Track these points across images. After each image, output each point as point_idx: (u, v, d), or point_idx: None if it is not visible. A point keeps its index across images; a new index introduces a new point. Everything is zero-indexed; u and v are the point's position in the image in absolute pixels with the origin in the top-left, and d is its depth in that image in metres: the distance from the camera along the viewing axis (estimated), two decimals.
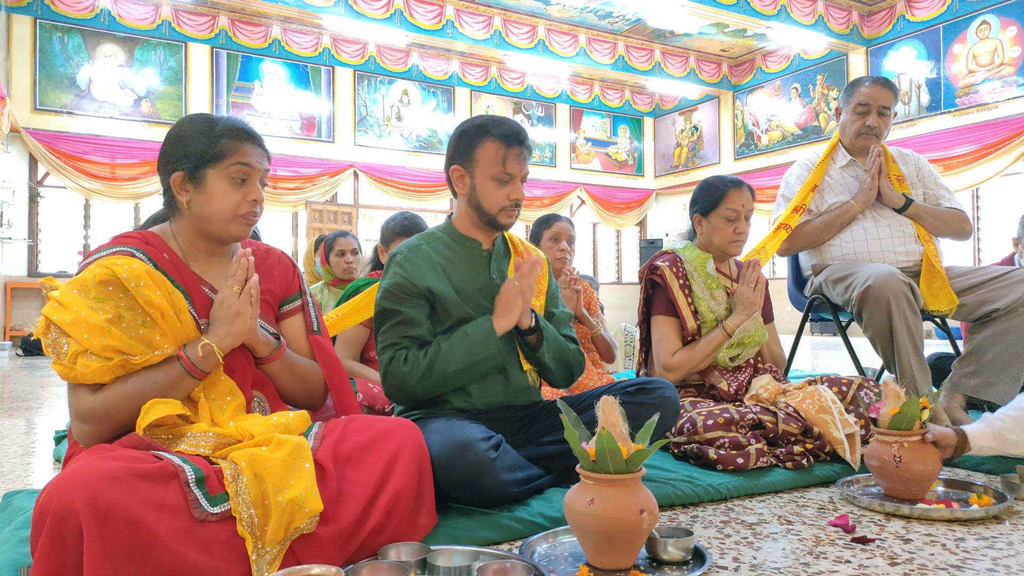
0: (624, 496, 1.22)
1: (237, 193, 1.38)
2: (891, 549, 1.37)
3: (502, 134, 1.79)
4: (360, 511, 1.24)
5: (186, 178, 1.37)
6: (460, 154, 1.85)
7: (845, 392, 2.09)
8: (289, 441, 1.23)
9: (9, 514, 1.55)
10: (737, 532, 1.49)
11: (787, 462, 1.89)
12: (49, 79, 9.39)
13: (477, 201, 1.84)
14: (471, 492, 1.51)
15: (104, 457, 1.08)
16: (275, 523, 1.13)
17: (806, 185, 2.65)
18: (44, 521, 0.99)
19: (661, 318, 2.29)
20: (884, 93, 2.60)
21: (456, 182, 1.87)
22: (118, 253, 1.32)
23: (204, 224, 1.40)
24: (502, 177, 1.80)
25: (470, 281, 1.85)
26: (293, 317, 1.55)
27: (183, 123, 1.41)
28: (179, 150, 1.38)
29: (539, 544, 1.36)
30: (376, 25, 9.59)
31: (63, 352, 1.20)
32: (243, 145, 1.39)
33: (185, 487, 1.09)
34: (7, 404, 3.77)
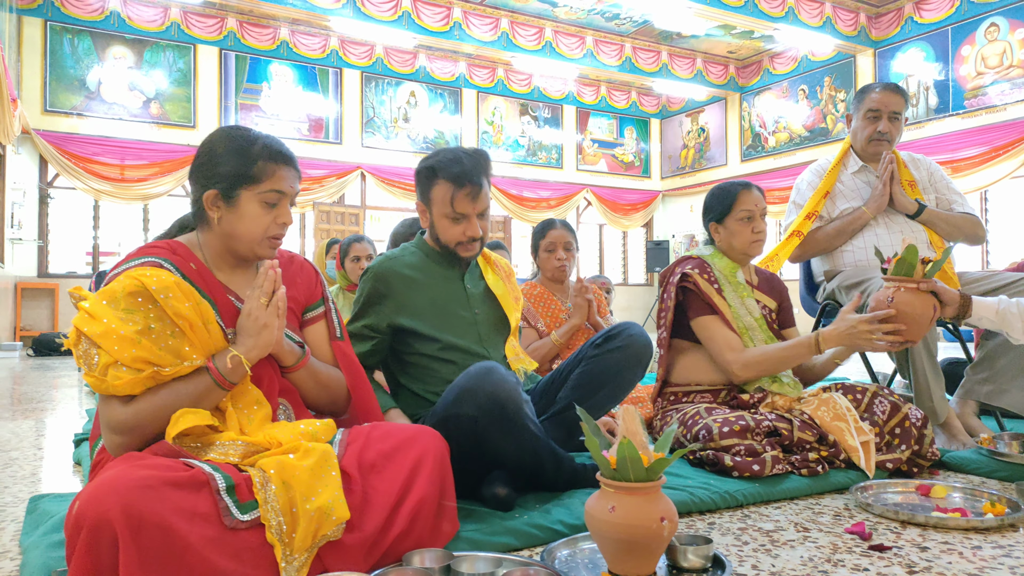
0: (645, 504, 1.23)
1: (268, 216, 1.41)
2: (908, 557, 1.38)
3: (450, 175, 1.85)
4: (385, 518, 1.26)
5: (219, 196, 1.39)
6: (420, 192, 1.96)
7: (860, 400, 2.10)
8: (316, 449, 1.24)
9: (36, 518, 1.57)
10: (755, 539, 1.50)
11: (802, 469, 1.90)
12: (59, 81, 9.44)
13: (436, 235, 1.95)
14: (492, 417, 1.54)
15: (136, 466, 1.10)
16: (303, 530, 1.15)
17: (818, 191, 2.66)
18: (80, 530, 1.01)
19: (707, 318, 2.23)
20: (894, 98, 2.61)
21: (420, 216, 1.99)
22: (146, 264, 1.34)
23: (232, 242, 1.42)
24: (453, 216, 1.88)
25: (446, 294, 1.95)
26: (316, 324, 1.57)
27: (219, 139, 1.42)
28: (215, 168, 1.39)
29: (560, 551, 1.37)
30: (384, 27, 9.62)
31: (94, 363, 1.22)
32: (279, 169, 1.41)
33: (216, 495, 1.11)
34: (22, 405, 3.80)
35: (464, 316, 1.94)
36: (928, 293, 1.86)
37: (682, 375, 2.36)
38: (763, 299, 2.37)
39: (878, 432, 2.02)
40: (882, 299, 1.90)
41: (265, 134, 1.45)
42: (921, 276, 1.85)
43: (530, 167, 12.81)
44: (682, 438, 2.07)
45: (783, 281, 2.48)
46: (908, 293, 1.86)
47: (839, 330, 2.01)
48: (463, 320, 1.94)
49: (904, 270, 1.86)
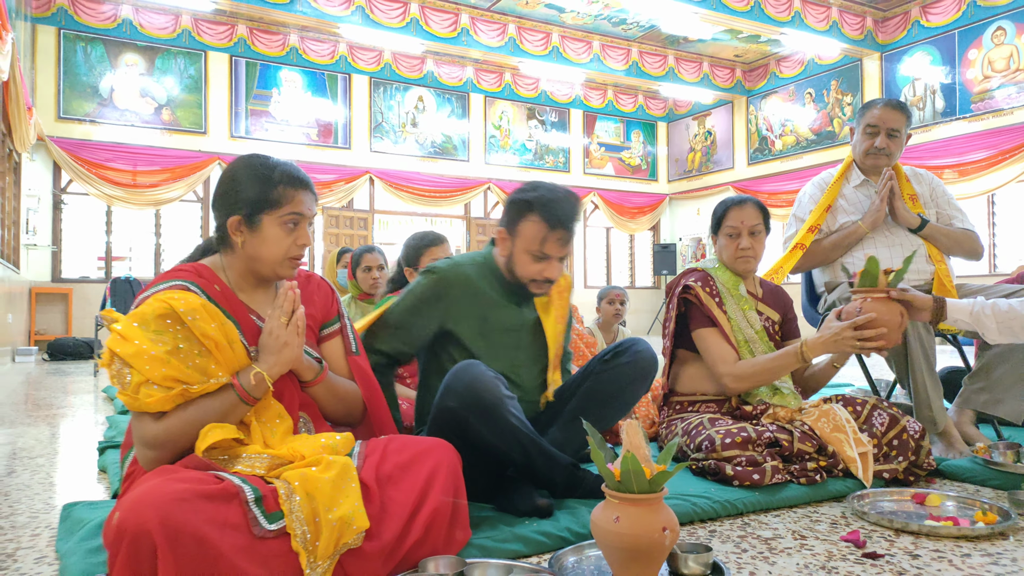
0: (647, 514, 1.30)
1: (288, 238, 1.48)
2: (900, 564, 1.45)
3: (547, 217, 1.85)
4: (402, 527, 1.33)
5: (242, 222, 1.47)
6: (508, 220, 1.94)
7: (859, 412, 2.16)
8: (337, 462, 1.32)
9: (70, 525, 1.65)
10: (753, 547, 1.57)
11: (801, 478, 1.97)
12: (72, 88, 9.58)
13: (512, 267, 1.94)
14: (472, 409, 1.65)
15: (171, 479, 1.18)
16: (326, 539, 1.22)
17: (820, 205, 2.73)
18: (122, 540, 1.09)
19: (706, 331, 2.31)
20: (894, 115, 2.67)
21: (499, 242, 1.98)
22: (174, 287, 1.42)
23: (255, 264, 1.50)
24: (538, 255, 1.89)
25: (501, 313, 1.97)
26: (333, 340, 1.65)
27: (240, 168, 1.50)
28: (237, 195, 1.47)
29: (567, 558, 1.45)
30: (392, 34, 9.72)
31: (127, 383, 1.30)
32: (297, 193, 1.48)
33: (245, 506, 1.19)
34: (42, 411, 3.89)
35: (506, 342, 1.97)
36: (894, 300, 2.00)
37: (687, 385, 2.43)
38: (767, 311, 2.44)
39: (876, 443, 2.08)
40: (852, 311, 2.05)
41: (283, 161, 1.53)
42: (884, 285, 1.99)
43: (537, 171, 12.88)
44: (685, 448, 2.14)
45: (788, 294, 2.55)
46: (875, 302, 2.01)
47: (823, 337, 2.11)
48: (504, 345, 1.97)
49: (868, 281, 2.01)
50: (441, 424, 1.69)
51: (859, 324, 2.01)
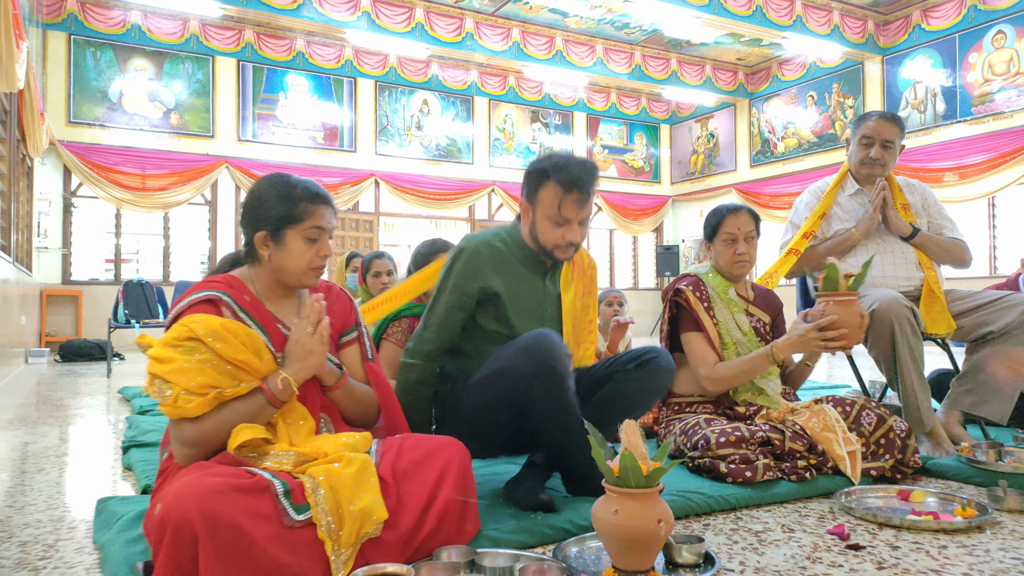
0: (644, 508, 1.41)
1: (311, 250, 1.60)
2: (880, 555, 1.56)
3: (561, 180, 1.94)
4: (416, 518, 1.44)
5: (268, 237, 1.59)
6: (527, 190, 2.04)
7: (848, 412, 2.27)
8: (357, 459, 1.44)
9: (106, 518, 1.77)
10: (744, 539, 1.68)
11: (792, 475, 2.07)
12: (82, 93, 9.71)
13: (536, 234, 2.03)
14: (544, 373, 1.75)
15: (209, 474, 1.29)
16: (348, 529, 1.33)
17: (815, 212, 2.83)
18: (166, 528, 1.21)
19: (692, 335, 2.44)
20: (888, 127, 2.77)
21: (522, 213, 2.07)
22: (205, 300, 1.53)
23: (281, 275, 1.61)
24: (558, 220, 1.96)
25: (524, 287, 2.05)
26: (351, 347, 1.76)
27: (264, 187, 1.62)
28: (262, 212, 1.59)
29: (570, 548, 1.56)
30: (397, 39, 9.84)
31: (167, 396, 1.41)
32: (318, 208, 1.60)
33: (275, 499, 1.30)
34: (61, 412, 4.01)
35: (532, 312, 2.06)
36: (854, 303, 2.16)
37: (684, 387, 2.53)
38: (758, 313, 2.56)
39: (864, 442, 2.19)
40: (816, 313, 2.22)
41: (303, 179, 1.65)
42: (845, 290, 2.15)
43: None
44: (683, 446, 2.25)
45: (779, 297, 2.66)
46: (836, 305, 2.17)
47: (791, 339, 2.27)
48: (531, 315, 2.05)
49: (830, 286, 2.17)
50: (497, 385, 1.77)
51: (822, 326, 2.17)
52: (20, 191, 7.42)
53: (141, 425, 3.11)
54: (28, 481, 2.34)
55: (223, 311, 1.54)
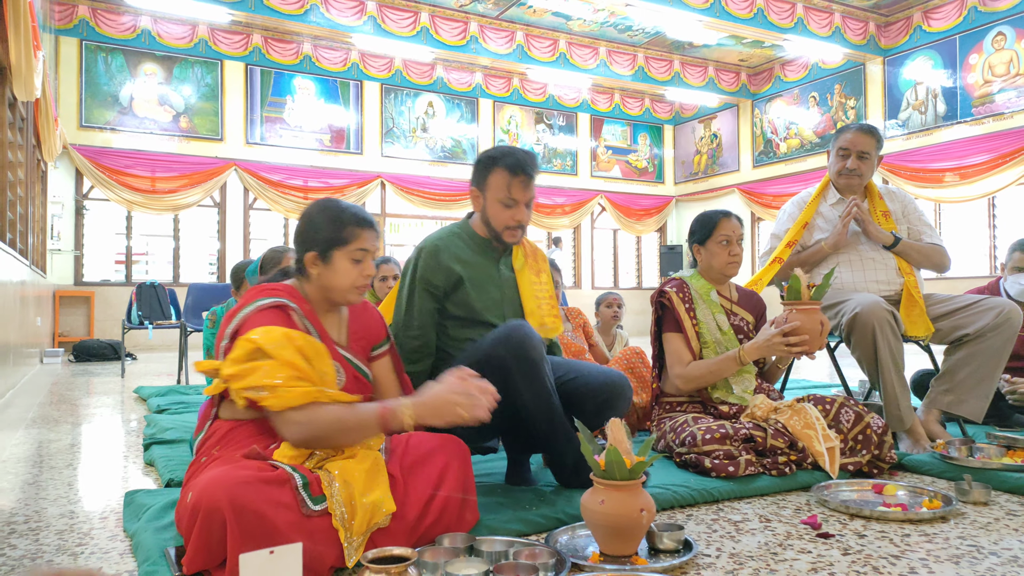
0: (628, 498, 1.55)
1: (356, 270, 1.73)
2: (847, 543, 1.69)
3: (508, 164, 2.17)
4: (421, 509, 1.59)
5: (317, 257, 1.72)
6: (477, 178, 2.25)
7: (828, 410, 2.40)
8: (370, 455, 1.58)
9: (134, 509, 1.92)
10: (723, 528, 1.81)
11: (772, 470, 2.21)
12: (94, 97, 9.89)
13: (487, 218, 2.23)
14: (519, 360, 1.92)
15: (236, 467, 1.44)
16: (360, 519, 1.48)
17: (798, 222, 2.97)
18: (197, 514, 1.36)
19: (672, 335, 2.59)
20: (864, 139, 2.90)
21: (473, 201, 2.27)
22: (272, 308, 1.64)
23: (328, 292, 1.75)
24: (507, 201, 2.18)
25: (482, 273, 2.24)
26: (383, 359, 1.90)
27: (316, 210, 1.75)
28: (313, 234, 1.73)
29: (561, 535, 1.70)
30: (403, 43, 9.98)
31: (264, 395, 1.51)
32: (364, 232, 1.74)
33: (295, 490, 1.45)
34: (80, 411, 4.17)
35: (493, 296, 2.24)
36: (816, 311, 2.33)
37: (672, 386, 2.66)
38: (741, 312, 2.70)
39: (843, 438, 2.32)
40: (780, 320, 2.40)
41: (352, 204, 1.79)
42: (807, 299, 2.31)
43: (545, 174, 13.11)
44: (672, 443, 2.39)
45: (762, 298, 2.81)
46: (799, 313, 2.33)
47: (757, 343, 2.43)
48: (492, 299, 2.24)
49: (793, 296, 2.34)
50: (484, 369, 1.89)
51: (786, 332, 2.33)
52: (35, 195, 7.60)
53: (160, 423, 3.27)
54: (57, 476, 2.49)
55: (292, 317, 1.66)
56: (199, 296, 5.94)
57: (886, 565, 1.54)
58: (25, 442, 3.14)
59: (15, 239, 5.67)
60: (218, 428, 1.67)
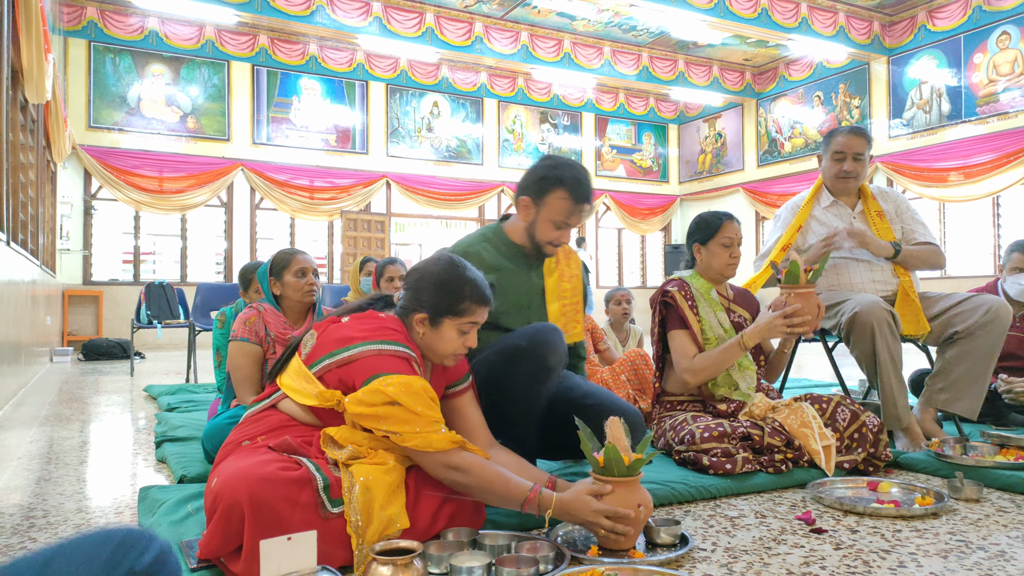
0: (626, 494, 1.60)
1: (460, 340, 1.76)
2: (839, 538, 1.74)
3: (574, 192, 2.16)
4: (431, 515, 1.63)
5: (427, 319, 1.74)
6: (533, 191, 2.20)
7: (825, 408, 2.45)
8: (398, 469, 1.60)
9: (149, 504, 1.98)
10: (719, 524, 1.87)
11: (769, 468, 2.26)
12: (102, 98, 9.99)
13: (533, 231, 2.22)
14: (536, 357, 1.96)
15: (261, 462, 1.49)
16: (374, 529, 1.51)
17: (792, 226, 3.01)
18: (218, 504, 1.42)
19: (677, 331, 2.63)
20: (857, 141, 2.94)
21: (521, 209, 2.23)
22: (401, 358, 1.65)
23: (427, 351, 1.78)
24: (561, 225, 2.19)
25: (512, 280, 2.23)
26: (464, 395, 1.92)
27: (442, 274, 1.75)
28: (429, 297, 1.74)
29: (562, 530, 1.75)
30: (408, 43, 10.05)
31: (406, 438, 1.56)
32: (480, 309, 1.76)
33: (316, 492, 1.50)
34: (91, 409, 4.24)
35: (519, 303, 2.24)
36: (812, 294, 2.41)
37: (676, 386, 2.72)
38: (739, 310, 2.75)
39: (839, 437, 2.37)
40: (779, 303, 2.47)
41: (476, 276, 1.78)
42: (804, 283, 2.39)
43: None
44: (671, 441, 2.44)
45: (755, 297, 2.88)
46: (797, 296, 2.41)
47: (758, 326, 2.48)
48: (518, 306, 2.24)
49: (792, 280, 2.42)
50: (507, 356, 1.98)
51: (787, 314, 2.40)
52: (45, 196, 7.69)
53: (171, 421, 3.33)
54: (71, 472, 2.56)
55: (414, 367, 1.68)
56: (207, 296, 6.02)
57: (876, 559, 1.59)
58: (38, 440, 3.21)
59: (26, 239, 5.75)
60: (270, 416, 1.71)
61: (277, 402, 1.73)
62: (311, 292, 2.70)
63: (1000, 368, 3.20)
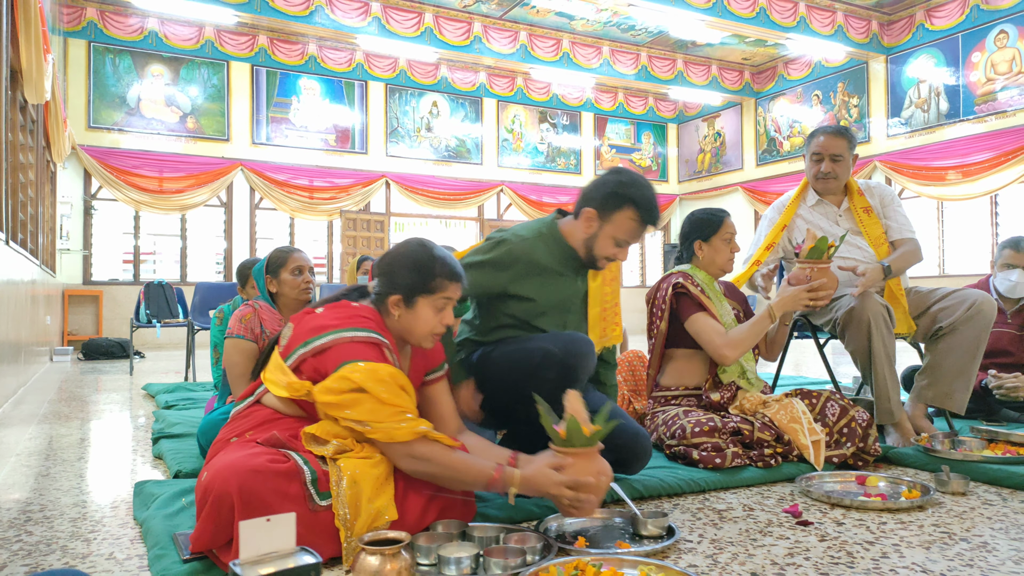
0: (586, 464, 1.63)
1: (436, 317, 1.78)
2: (825, 530, 1.76)
3: (646, 215, 2.10)
4: (421, 509, 1.65)
5: (402, 301, 1.76)
6: (602, 205, 2.11)
7: (815, 404, 2.47)
8: (384, 462, 1.63)
9: (143, 499, 2.00)
10: (707, 516, 1.89)
11: (759, 462, 2.28)
12: (102, 99, 10.01)
13: (592, 244, 2.14)
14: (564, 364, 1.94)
15: (251, 455, 1.52)
16: (362, 521, 1.54)
17: (776, 225, 3.03)
18: (208, 495, 1.44)
19: (698, 315, 2.60)
20: (835, 142, 2.94)
21: (583, 220, 2.13)
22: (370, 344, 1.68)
23: (405, 334, 1.80)
24: (622, 243, 2.13)
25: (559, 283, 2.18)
26: (439, 383, 1.95)
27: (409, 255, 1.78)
28: (401, 278, 1.76)
29: (551, 523, 1.77)
30: (407, 43, 10.07)
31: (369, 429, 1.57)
32: (451, 284, 1.78)
33: (304, 485, 1.52)
34: (90, 407, 4.27)
35: (559, 305, 2.17)
36: (829, 268, 2.57)
37: (671, 379, 2.73)
38: (732, 303, 2.80)
39: (828, 432, 2.39)
40: (801, 276, 2.57)
41: (444, 254, 1.81)
42: (827, 259, 2.55)
43: (549, 173, 13.20)
44: (663, 436, 2.46)
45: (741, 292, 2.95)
46: (820, 271, 2.53)
47: (784, 299, 2.55)
48: (557, 308, 2.17)
49: (817, 255, 2.56)
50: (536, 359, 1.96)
51: (814, 287, 2.50)
52: (44, 196, 7.72)
53: (168, 419, 3.36)
54: (69, 468, 2.58)
55: (385, 354, 1.69)
56: (206, 295, 6.04)
57: (860, 551, 1.62)
58: (37, 437, 3.23)
59: (26, 239, 5.77)
60: (256, 412, 1.73)
61: (261, 397, 1.76)
62: (307, 290, 2.73)
63: (992, 364, 3.23)
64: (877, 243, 2.91)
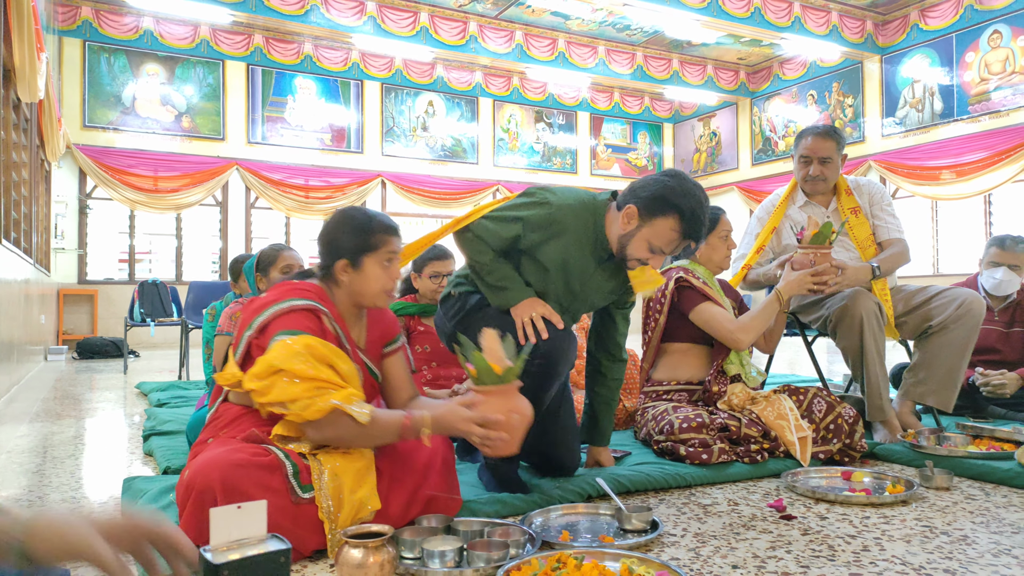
0: (500, 401, 1.63)
1: (385, 273, 1.79)
2: (808, 524, 1.78)
3: (688, 228, 1.99)
4: (406, 500, 1.67)
5: (348, 264, 1.77)
6: (646, 205, 2.01)
7: (802, 400, 2.49)
8: (365, 454, 1.64)
9: (132, 494, 2.01)
10: (692, 511, 1.90)
11: (745, 458, 2.30)
12: (97, 98, 10.00)
13: (626, 243, 2.05)
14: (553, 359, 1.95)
15: (232, 450, 1.53)
16: (346, 513, 1.55)
17: (766, 227, 3.05)
18: (191, 491, 1.45)
19: (705, 304, 2.61)
20: (823, 144, 2.93)
21: (625, 215, 2.03)
22: (304, 310, 1.69)
23: (358, 297, 1.80)
24: (656, 250, 2.03)
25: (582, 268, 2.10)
26: (395, 356, 1.96)
27: (343, 220, 1.80)
28: (343, 242, 1.77)
29: (535, 517, 1.79)
30: (403, 42, 10.07)
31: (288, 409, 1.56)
32: (391, 237, 1.80)
33: (285, 478, 1.53)
34: (83, 405, 4.27)
35: (572, 286, 2.10)
36: (830, 254, 2.64)
37: (664, 372, 2.75)
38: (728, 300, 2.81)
39: (815, 428, 2.41)
40: (804, 261, 2.63)
41: (376, 211, 1.84)
42: (828, 245, 2.61)
43: (545, 172, 13.21)
44: (652, 431, 2.47)
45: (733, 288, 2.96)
46: (822, 256, 2.58)
47: (789, 283, 2.59)
48: (569, 288, 2.11)
49: (821, 240, 2.62)
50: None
51: (819, 272, 2.56)
52: (39, 195, 7.71)
53: (159, 416, 3.37)
54: (59, 465, 2.59)
55: (323, 320, 1.71)
56: (200, 293, 6.04)
57: (841, 544, 1.63)
58: (29, 435, 3.24)
59: (19, 238, 5.77)
60: (226, 411, 1.75)
61: (227, 395, 1.77)
62: None
63: (979, 362, 3.25)
64: (864, 245, 2.91)
